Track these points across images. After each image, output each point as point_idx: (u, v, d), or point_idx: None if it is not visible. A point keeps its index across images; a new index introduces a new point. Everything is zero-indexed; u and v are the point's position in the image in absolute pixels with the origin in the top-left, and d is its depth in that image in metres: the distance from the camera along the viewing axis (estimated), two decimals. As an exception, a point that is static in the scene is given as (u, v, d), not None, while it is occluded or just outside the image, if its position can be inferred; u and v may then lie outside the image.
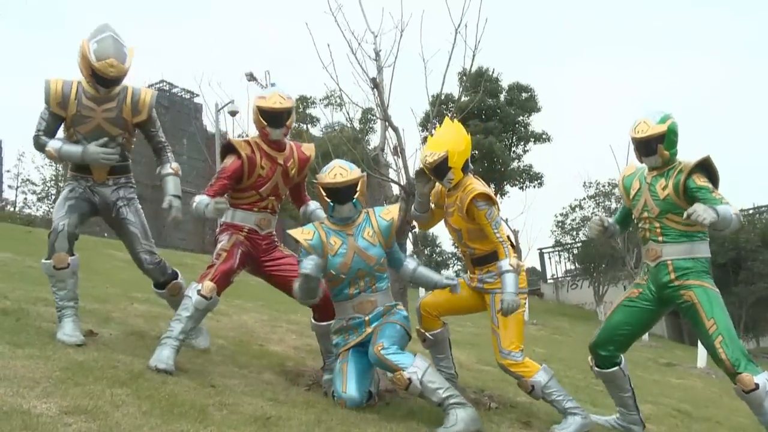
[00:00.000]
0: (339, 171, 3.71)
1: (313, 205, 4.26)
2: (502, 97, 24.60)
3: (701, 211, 3.30)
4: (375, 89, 4.69)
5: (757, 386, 3.42)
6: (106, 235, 15.90)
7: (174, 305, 4.08)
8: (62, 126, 3.88)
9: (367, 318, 3.74)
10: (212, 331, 5.31)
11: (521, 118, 24.29)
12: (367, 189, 3.91)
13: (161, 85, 55.42)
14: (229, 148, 3.93)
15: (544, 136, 24.62)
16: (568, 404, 3.72)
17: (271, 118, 3.87)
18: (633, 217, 4.00)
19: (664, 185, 3.74)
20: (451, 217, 3.95)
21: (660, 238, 3.77)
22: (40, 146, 3.84)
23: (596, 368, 4.03)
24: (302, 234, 3.74)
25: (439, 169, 3.83)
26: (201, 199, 3.71)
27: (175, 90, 55.31)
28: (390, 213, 3.83)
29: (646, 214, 3.83)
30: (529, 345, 4.06)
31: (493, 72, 24.63)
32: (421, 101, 5.00)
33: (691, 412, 5.77)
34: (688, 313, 3.71)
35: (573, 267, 22.39)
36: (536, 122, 24.34)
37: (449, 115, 5.04)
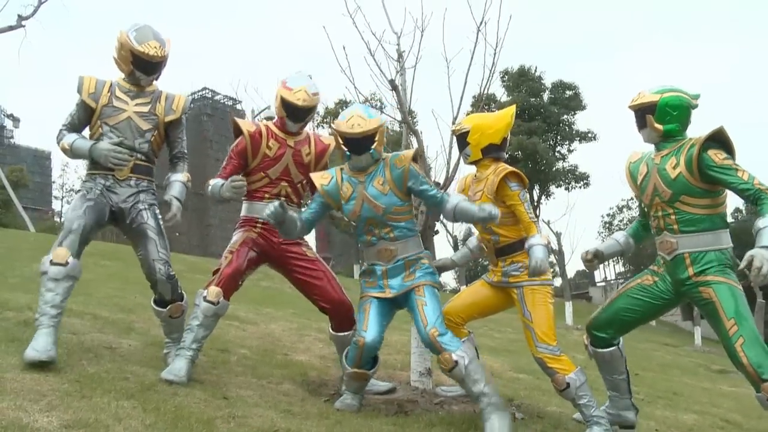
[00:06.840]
0: (357, 120, 3.48)
1: None
2: (545, 96, 24.24)
3: (759, 262, 2.88)
4: (394, 91, 4.60)
5: None
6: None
7: (169, 328, 3.86)
8: (88, 126, 3.72)
9: (385, 268, 3.60)
10: (237, 340, 5.30)
11: (565, 116, 23.86)
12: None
13: (204, 92, 56.40)
14: (236, 130, 3.89)
15: (590, 135, 24.16)
16: (595, 412, 3.53)
17: (293, 112, 3.83)
18: (644, 205, 3.59)
19: (675, 163, 3.35)
20: (477, 202, 3.76)
21: (675, 227, 3.38)
22: (58, 141, 3.65)
23: (591, 347, 3.71)
24: (320, 178, 3.67)
25: (459, 141, 3.91)
26: (215, 182, 3.67)
27: (217, 97, 56.25)
28: (403, 161, 3.54)
29: (657, 200, 3.43)
30: (569, 351, 3.86)
31: (535, 70, 24.30)
32: (446, 103, 4.87)
33: (741, 423, 5.45)
34: (707, 312, 3.33)
35: (624, 269, 21.83)
36: (581, 121, 23.82)
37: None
